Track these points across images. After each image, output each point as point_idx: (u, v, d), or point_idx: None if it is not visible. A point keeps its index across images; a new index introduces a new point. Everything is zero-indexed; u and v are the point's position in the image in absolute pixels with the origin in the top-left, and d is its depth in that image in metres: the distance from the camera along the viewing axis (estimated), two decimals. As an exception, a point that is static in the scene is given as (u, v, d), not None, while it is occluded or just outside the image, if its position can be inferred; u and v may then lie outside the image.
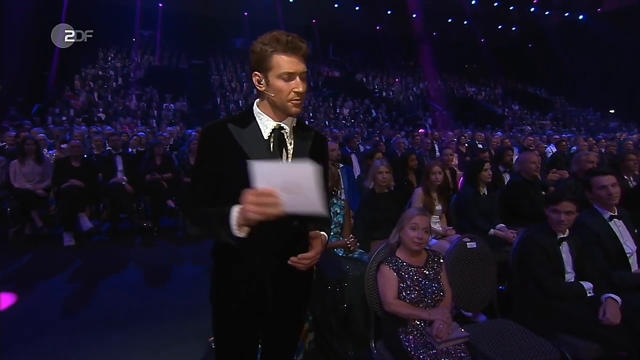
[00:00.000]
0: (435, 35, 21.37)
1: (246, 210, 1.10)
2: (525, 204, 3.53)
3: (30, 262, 4.20)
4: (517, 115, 17.95)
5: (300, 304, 1.46)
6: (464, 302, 2.33)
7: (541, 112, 18.46)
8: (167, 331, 2.76)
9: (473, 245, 2.36)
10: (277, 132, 1.31)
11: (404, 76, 20.68)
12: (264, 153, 1.28)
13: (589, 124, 17.15)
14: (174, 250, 4.67)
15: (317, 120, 13.86)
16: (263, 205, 1.08)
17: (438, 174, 3.33)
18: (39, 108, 11.76)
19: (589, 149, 6.46)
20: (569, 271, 2.30)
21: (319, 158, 1.37)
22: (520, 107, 19.02)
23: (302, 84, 1.24)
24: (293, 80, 1.23)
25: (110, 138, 5.54)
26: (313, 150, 1.36)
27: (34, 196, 4.67)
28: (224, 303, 1.37)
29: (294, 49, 1.21)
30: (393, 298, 1.91)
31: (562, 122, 17.38)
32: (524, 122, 16.84)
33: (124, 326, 2.82)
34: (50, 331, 2.78)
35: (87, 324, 2.88)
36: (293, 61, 1.22)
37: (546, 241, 2.28)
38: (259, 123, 1.31)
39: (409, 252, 2.03)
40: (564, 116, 18.52)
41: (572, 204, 2.28)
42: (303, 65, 1.24)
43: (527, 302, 2.32)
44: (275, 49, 1.22)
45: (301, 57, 1.23)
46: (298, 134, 1.36)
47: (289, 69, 1.22)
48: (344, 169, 4.27)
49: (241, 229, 1.16)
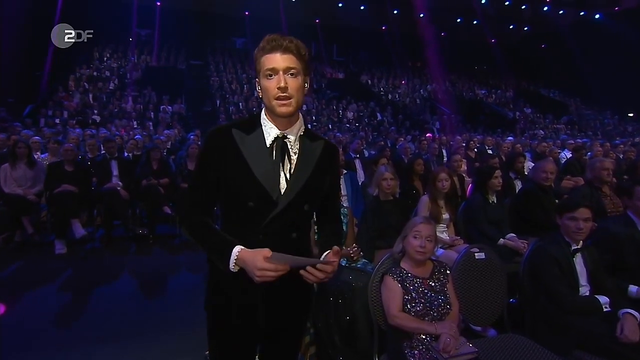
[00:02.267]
0: (444, 35, 21.44)
1: (255, 274, 1.17)
2: (537, 213, 3.53)
3: (20, 271, 4.22)
4: (529, 119, 17.93)
5: (298, 317, 1.46)
6: (472, 315, 2.32)
7: (555, 116, 18.44)
8: (162, 344, 2.76)
9: (481, 255, 2.36)
10: (280, 140, 1.31)
11: (410, 78, 20.74)
12: (265, 161, 1.28)
13: (605, 128, 17.07)
14: (171, 258, 4.69)
15: (320, 123, 13.90)
16: (274, 277, 1.18)
17: (445, 181, 3.33)
18: (31, 109, 11.83)
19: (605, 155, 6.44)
20: (583, 284, 2.30)
21: (328, 170, 1.38)
22: (533, 110, 19.01)
23: (285, 79, 1.23)
24: (275, 76, 1.24)
25: (106, 145, 5.59)
26: (320, 162, 1.35)
27: (25, 202, 4.71)
28: (218, 315, 1.38)
29: (275, 46, 1.23)
30: (397, 311, 1.92)
31: (577, 126, 17.34)
32: (536, 126, 16.83)
33: (117, 339, 2.83)
34: (40, 344, 2.78)
35: (78, 337, 2.88)
36: (273, 57, 1.24)
37: (559, 252, 2.28)
38: (263, 130, 1.32)
39: (414, 262, 2.03)
40: (579, 120, 18.47)
41: (589, 210, 2.29)
42: (287, 61, 1.24)
43: (540, 317, 2.31)
44: (262, 50, 1.26)
45: (283, 52, 1.23)
46: (305, 143, 1.35)
47: (269, 65, 1.24)
48: (347, 174, 4.29)
49: (236, 267, 1.23)
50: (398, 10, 20.77)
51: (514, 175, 4.56)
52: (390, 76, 20.62)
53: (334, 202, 1.51)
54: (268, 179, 1.26)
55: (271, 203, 1.27)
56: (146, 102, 13.53)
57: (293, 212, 1.29)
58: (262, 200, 1.27)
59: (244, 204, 1.28)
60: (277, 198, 1.27)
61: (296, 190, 1.28)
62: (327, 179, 1.38)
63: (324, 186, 1.37)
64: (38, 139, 6.23)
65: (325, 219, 1.50)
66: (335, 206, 1.53)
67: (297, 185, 1.28)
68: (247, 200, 1.27)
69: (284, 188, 1.28)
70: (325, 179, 1.37)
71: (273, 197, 1.26)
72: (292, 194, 1.27)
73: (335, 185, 1.48)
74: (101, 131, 8.50)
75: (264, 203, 1.27)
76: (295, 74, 1.24)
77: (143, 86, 14.24)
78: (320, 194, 1.38)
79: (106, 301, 3.53)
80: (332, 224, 1.50)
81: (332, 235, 1.44)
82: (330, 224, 1.49)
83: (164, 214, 5.33)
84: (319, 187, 1.36)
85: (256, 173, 1.26)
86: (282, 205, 1.27)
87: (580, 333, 2.10)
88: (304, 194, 1.29)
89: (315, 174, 1.32)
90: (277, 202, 1.27)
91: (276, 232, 1.28)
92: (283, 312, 1.38)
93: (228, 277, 1.26)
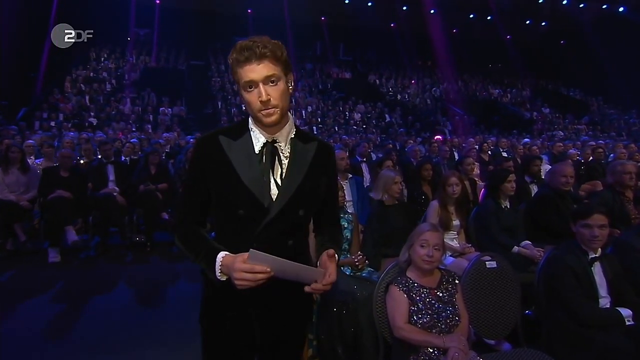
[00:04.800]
0: (456, 32, 21.43)
1: (234, 278, 1.15)
2: (554, 219, 3.50)
3: (11, 280, 4.26)
4: (547, 119, 17.83)
5: (296, 329, 1.45)
6: (483, 328, 2.31)
7: (575, 116, 18.31)
8: (159, 357, 2.77)
9: (493, 264, 2.35)
10: (270, 145, 1.30)
11: (420, 77, 20.76)
12: (254, 167, 1.28)
13: (631, 128, 16.87)
14: (169, 267, 4.71)
15: (326, 125, 13.94)
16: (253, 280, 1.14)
17: (455, 186, 3.32)
18: (26, 112, 12.01)
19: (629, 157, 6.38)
20: (603, 295, 2.27)
21: (324, 170, 1.37)
22: (552, 110, 18.91)
23: (266, 90, 1.21)
24: (255, 88, 1.21)
25: (102, 147, 5.64)
26: (315, 163, 1.34)
27: (18, 208, 4.76)
28: (211, 329, 1.39)
29: (248, 56, 1.19)
30: (403, 322, 1.92)
31: (600, 127, 17.17)
32: (555, 126, 16.71)
33: (112, 351, 2.84)
34: (32, 355, 2.80)
35: (72, 348, 2.90)
36: (249, 68, 1.20)
37: (575, 261, 2.26)
38: (251, 135, 1.32)
39: (420, 271, 2.03)
40: (601, 120, 18.29)
41: (604, 216, 2.27)
42: (264, 70, 1.20)
43: (557, 330, 2.29)
44: (235, 58, 1.22)
45: (259, 61, 1.19)
46: (296, 146, 1.34)
47: (247, 77, 1.20)
48: (352, 179, 4.30)
49: (223, 275, 1.22)
50: (407, 6, 20.77)
51: (530, 179, 4.53)
52: (399, 76, 20.65)
53: (332, 205, 1.49)
54: (257, 185, 1.26)
55: (262, 210, 1.26)
56: (145, 104, 13.69)
57: (287, 218, 1.29)
58: (253, 208, 1.26)
59: (234, 213, 1.28)
60: (268, 205, 1.26)
61: (288, 196, 1.27)
62: (323, 181, 1.37)
63: (320, 189, 1.36)
64: (32, 143, 6.32)
65: (323, 224, 1.49)
66: (333, 209, 1.51)
67: (289, 190, 1.28)
68: (237, 209, 1.27)
69: (276, 194, 1.27)
70: (320, 181, 1.36)
71: (264, 204, 1.26)
72: (285, 199, 1.27)
73: (332, 187, 1.46)
74: (98, 134, 8.61)
75: (255, 210, 1.26)
76: (275, 81, 1.22)
77: (142, 88, 14.41)
78: (317, 197, 1.37)
79: (101, 312, 3.55)
80: (330, 227, 1.49)
81: (329, 241, 1.41)
82: (328, 228, 1.48)
83: (162, 220, 5.33)
84: (314, 190, 1.34)
85: (244, 180, 1.26)
86: (274, 212, 1.26)
87: (600, 348, 2.07)
88: (297, 198, 1.29)
89: (309, 177, 1.31)
90: (269, 208, 1.26)
91: (270, 240, 1.28)
92: (280, 324, 1.38)
93: (221, 288, 1.25)
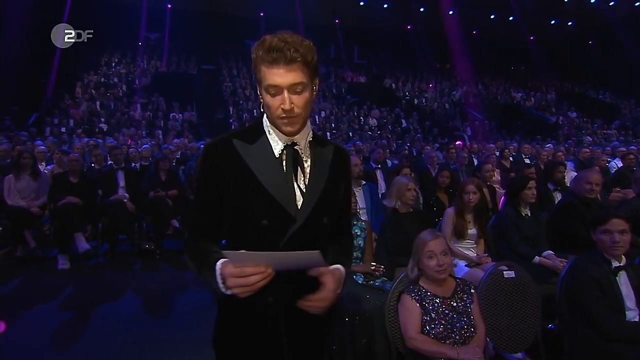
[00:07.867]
0: (475, 33, 21.37)
1: (227, 286, 1.12)
2: (578, 229, 3.46)
3: (20, 287, 4.37)
4: (574, 124, 17.56)
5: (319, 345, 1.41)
6: (502, 340, 2.31)
7: (605, 120, 17.97)
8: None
9: (511, 274, 2.35)
10: (290, 148, 1.27)
11: (438, 81, 20.69)
12: (276, 173, 1.24)
13: (666, 132, 16.53)
14: (178, 276, 4.74)
15: (340, 131, 13.98)
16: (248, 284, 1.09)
17: (472, 194, 3.31)
18: (36, 118, 12.36)
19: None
20: (631, 307, 2.24)
21: (342, 175, 1.37)
22: (579, 114, 18.62)
23: (291, 99, 1.16)
24: (279, 95, 1.17)
25: (112, 152, 5.76)
26: (333, 169, 1.32)
27: (28, 215, 4.90)
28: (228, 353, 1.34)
29: (277, 59, 1.13)
30: (415, 332, 1.93)
31: (632, 131, 16.82)
32: (583, 132, 16.43)
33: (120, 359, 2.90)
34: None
35: (80, 356, 2.97)
36: (277, 72, 1.15)
37: (598, 272, 2.24)
38: (269, 138, 1.28)
39: (434, 280, 2.05)
40: (633, 124, 17.92)
41: (623, 221, 2.25)
42: (292, 76, 1.15)
43: (580, 345, 2.27)
44: (261, 56, 1.16)
45: (287, 66, 1.14)
46: (315, 150, 1.31)
47: (271, 81, 1.15)
48: (366, 186, 4.33)
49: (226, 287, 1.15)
50: (425, 7, 20.84)
51: (553, 186, 4.49)
52: (416, 79, 20.61)
53: (346, 212, 1.47)
54: (282, 193, 1.22)
55: (288, 219, 1.23)
56: (155, 109, 13.95)
57: (312, 227, 1.25)
58: (278, 217, 1.22)
59: (257, 223, 1.23)
60: (295, 213, 1.23)
61: (314, 202, 1.25)
62: (342, 187, 1.36)
63: (339, 195, 1.35)
64: (43, 149, 6.50)
65: (335, 232, 1.41)
66: (347, 216, 1.49)
67: (314, 197, 1.25)
68: (260, 219, 1.23)
69: (300, 201, 1.24)
70: (340, 186, 1.35)
71: (291, 213, 1.22)
72: (310, 206, 1.24)
73: (348, 194, 1.43)
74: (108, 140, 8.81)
75: (279, 220, 1.23)
76: (302, 90, 1.18)
77: (152, 93, 14.68)
78: (338, 204, 1.35)
79: (109, 320, 3.61)
80: (341, 236, 1.45)
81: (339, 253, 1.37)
82: (339, 237, 1.44)
83: (171, 228, 5.38)
84: (335, 196, 1.33)
85: (268, 187, 1.21)
86: (300, 221, 1.23)
87: (627, 364, 2.06)
88: (322, 205, 1.26)
89: (331, 182, 1.30)
90: (295, 217, 1.23)
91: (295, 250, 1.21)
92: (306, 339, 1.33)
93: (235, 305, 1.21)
